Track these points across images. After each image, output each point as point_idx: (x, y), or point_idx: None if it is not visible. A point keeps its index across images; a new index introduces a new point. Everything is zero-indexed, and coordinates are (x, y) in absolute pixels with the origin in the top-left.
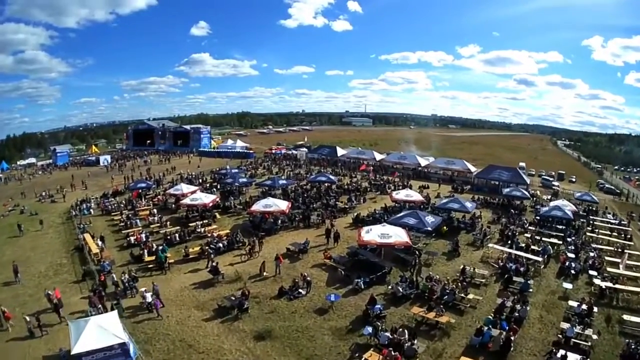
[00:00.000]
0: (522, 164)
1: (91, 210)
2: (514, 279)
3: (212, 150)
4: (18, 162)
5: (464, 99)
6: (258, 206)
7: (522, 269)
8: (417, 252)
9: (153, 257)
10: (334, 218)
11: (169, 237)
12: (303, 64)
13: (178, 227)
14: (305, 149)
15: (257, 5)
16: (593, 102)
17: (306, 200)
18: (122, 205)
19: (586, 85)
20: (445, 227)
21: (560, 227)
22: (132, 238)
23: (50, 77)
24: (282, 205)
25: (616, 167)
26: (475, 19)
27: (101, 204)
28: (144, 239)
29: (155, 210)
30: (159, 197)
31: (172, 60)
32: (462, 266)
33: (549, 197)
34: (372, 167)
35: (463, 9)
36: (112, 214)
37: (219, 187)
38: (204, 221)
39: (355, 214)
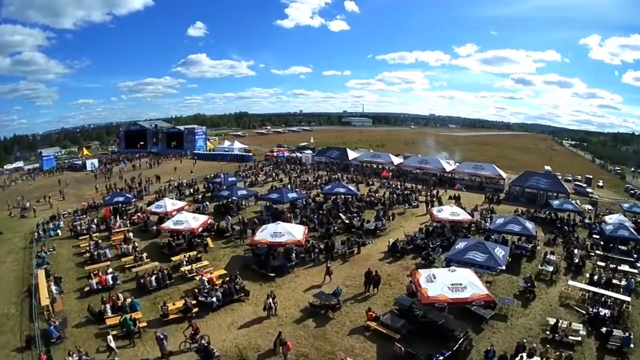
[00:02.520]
0: (548, 168)
1: (59, 231)
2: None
3: (207, 152)
4: (5, 167)
5: (462, 99)
6: (264, 235)
7: (614, 314)
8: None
9: (118, 319)
10: (362, 245)
11: (142, 281)
12: (300, 64)
13: (156, 264)
14: (309, 151)
15: (253, 6)
16: (591, 100)
17: (323, 219)
18: (94, 225)
19: (584, 84)
20: (508, 257)
21: (622, 248)
22: (94, 281)
23: (48, 79)
24: (297, 232)
25: (632, 169)
26: (473, 18)
27: (70, 223)
28: (111, 282)
29: (131, 234)
30: (139, 214)
31: (169, 61)
32: (553, 320)
33: (588, 207)
34: (390, 174)
35: (460, 9)
36: (81, 237)
37: (212, 199)
38: (192, 253)
39: (392, 241)
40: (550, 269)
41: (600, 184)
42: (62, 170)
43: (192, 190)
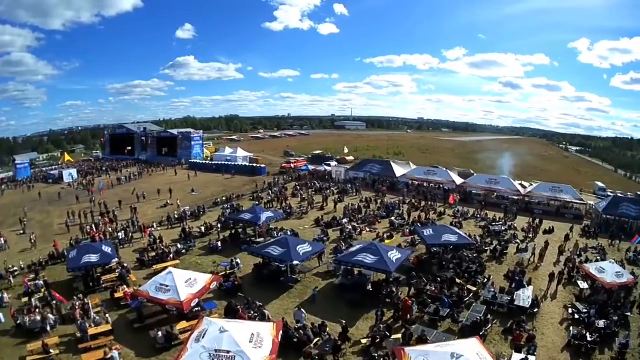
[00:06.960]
0: (601, 185)
1: (1, 315)
2: None
3: (207, 162)
4: None
5: (450, 102)
6: None
7: None
8: None
9: None
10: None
11: None
12: (288, 68)
13: None
14: (335, 163)
15: (242, 8)
16: (579, 104)
17: (452, 294)
18: (51, 317)
19: (572, 88)
20: None
21: None
22: None
23: (37, 80)
24: None
25: None
26: (461, 21)
27: (12, 308)
28: None
29: (116, 354)
30: (127, 290)
31: (158, 64)
32: None
33: None
34: (458, 197)
35: (449, 12)
36: (31, 343)
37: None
38: None
39: (573, 331)
40: None
41: None
42: (31, 183)
43: (203, 227)
